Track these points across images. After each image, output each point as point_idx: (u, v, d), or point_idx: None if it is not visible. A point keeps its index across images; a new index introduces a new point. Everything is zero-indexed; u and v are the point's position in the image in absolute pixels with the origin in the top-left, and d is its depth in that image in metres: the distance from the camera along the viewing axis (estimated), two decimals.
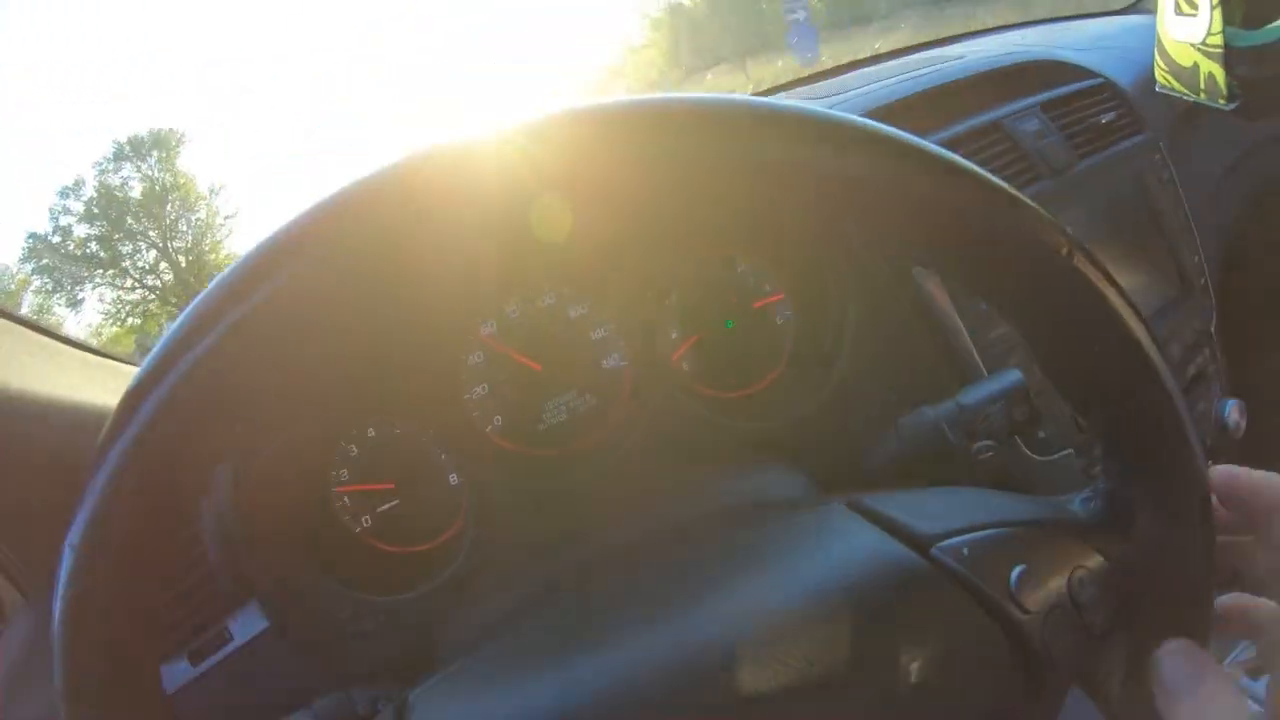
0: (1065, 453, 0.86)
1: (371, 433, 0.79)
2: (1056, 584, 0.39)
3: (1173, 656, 0.38)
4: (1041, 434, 0.84)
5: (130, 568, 0.33)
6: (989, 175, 0.35)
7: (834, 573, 0.39)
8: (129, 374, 0.86)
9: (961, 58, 1.12)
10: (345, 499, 0.79)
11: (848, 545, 0.42)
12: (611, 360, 0.81)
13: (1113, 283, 0.36)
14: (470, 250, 0.33)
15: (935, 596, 0.38)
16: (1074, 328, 0.37)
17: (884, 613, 0.37)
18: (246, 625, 0.78)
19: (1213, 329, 1.14)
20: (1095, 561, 0.40)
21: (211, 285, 0.32)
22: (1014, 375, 0.64)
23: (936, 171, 0.34)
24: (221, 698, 0.77)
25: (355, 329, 0.33)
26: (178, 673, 0.78)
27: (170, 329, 0.32)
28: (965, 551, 0.39)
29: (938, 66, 1.07)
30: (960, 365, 0.80)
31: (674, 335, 0.82)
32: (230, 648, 0.77)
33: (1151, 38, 1.09)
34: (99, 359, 0.90)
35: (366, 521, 0.80)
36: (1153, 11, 1.31)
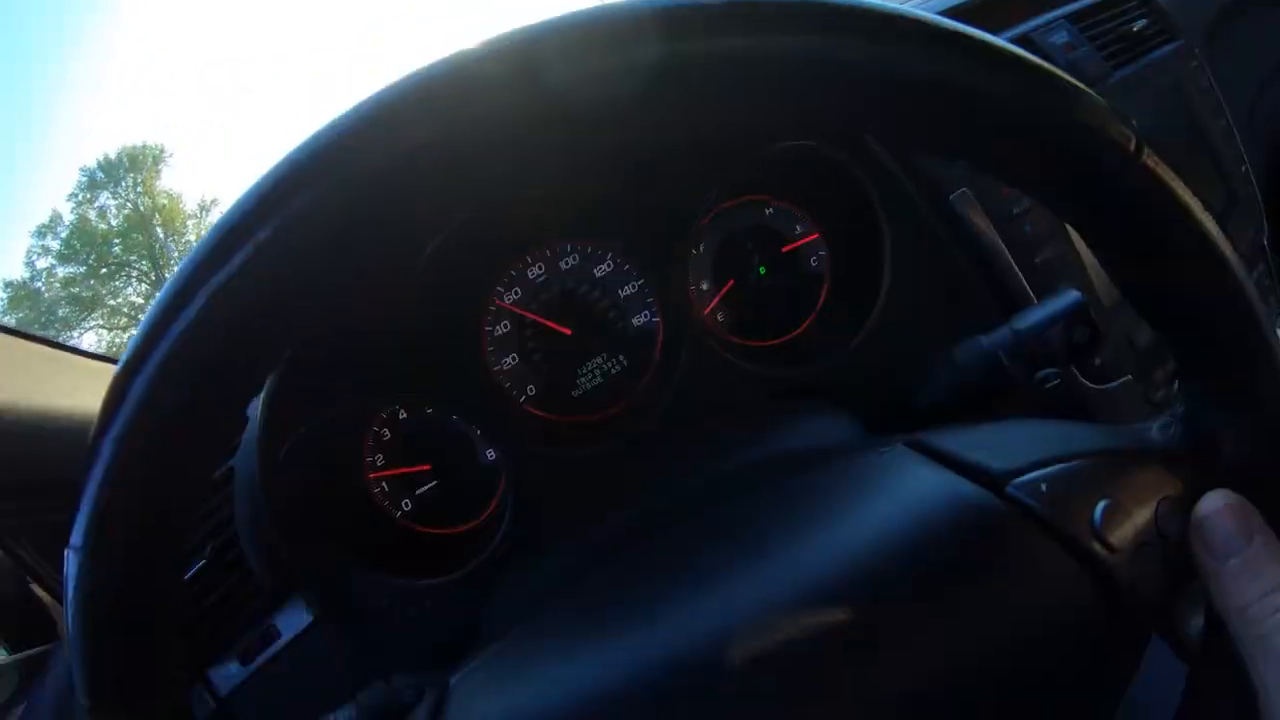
0: (1124, 380, 0.82)
1: (402, 415, 0.77)
2: (1143, 518, 0.35)
3: (1216, 515, 0.34)
4: (1097, 361, 0.79)
5: (138, 564, 0.31)
6: (1050, 66, 0.31)
7: (901, 519, 0.35)
8: None
9: None
10: (383, 484, 0.77)
11: (914, 488, 0.38)
12: (642, 317, 0.78)
13: (1183, 182, 0.33)
14: (486, 183, 0.30)
15: (1013, 538, 0.34)
16: (1147, 233, 0.33)
17: (959, 559, 0.33)
18: (293, 620, 0.76)
19: (1265, 242, 1.08)
20: (1181, 492, 0.36)
21: (190, 253, 0.29)
22: (1072, 295, 0.59)
23: (990, 62, 0.30)
24: (275, 695, 0.75)
25: (365, 287, 0.30)
26: (230, 674, 0.76)
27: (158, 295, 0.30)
28: (1043, 488, 0.35)
29: None
30: (1007, 293, 0.75)
31: (705, 286, 0.79)
32: (279, 644, 0.76)
33: None
34: None
35: (406, 505, 0.78)
36: None
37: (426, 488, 0.78)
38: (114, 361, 0.87)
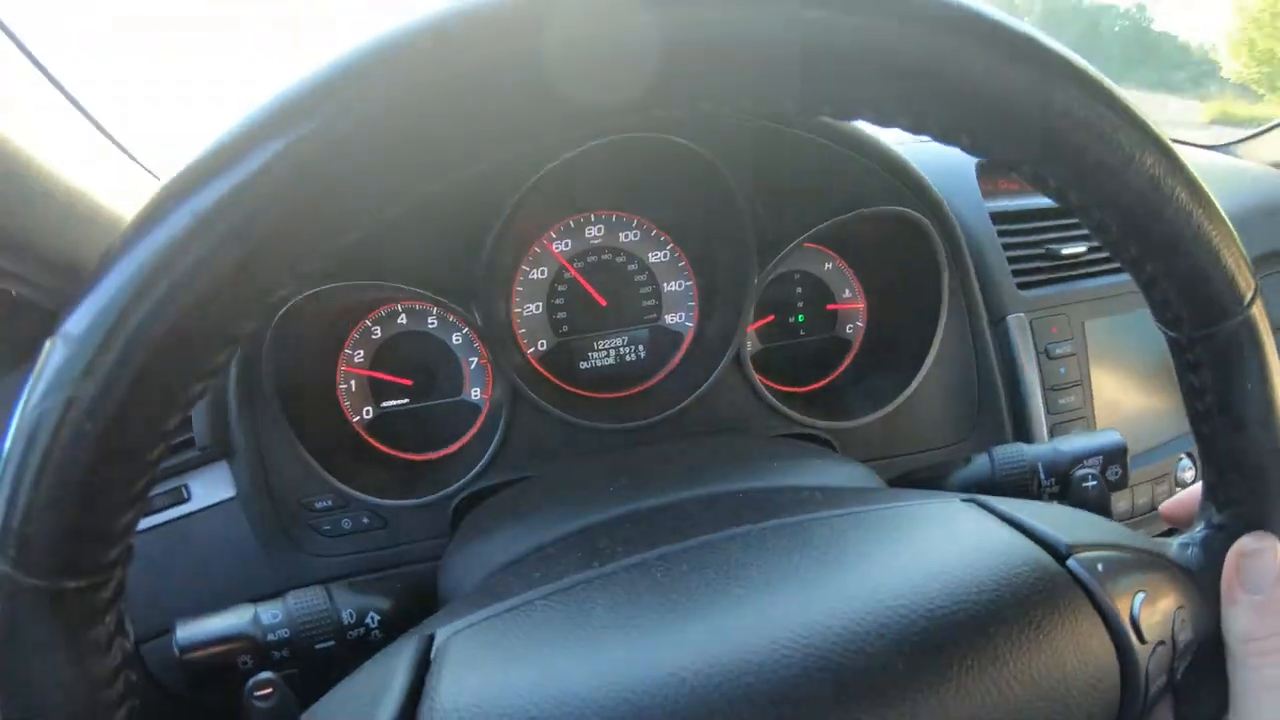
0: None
1: (402, 319, 0.72)
2: (1165, 620, 0.36)
3: (1260, 553, 0.37)
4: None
5: (144, 394, 0.25)
6: (1217, 204, 0.33)
7: (969, 565, 0.35)
8: None
9: None
10: (352, 383, 0.72)
11: (981, 539, 0.37)
12: (677, 317, 0.76)
13: (1274, 343, 0.35)
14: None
15: (1068, 606, 0.34)
16: (1230, 379, 0.35)
17: (1018, 614, 0.33)
18: (210, 489, 0.69)
19: None
20: (1196, 606, 0.38)
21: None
22: (1115, 436, 0.61)
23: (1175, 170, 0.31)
24: (166, 562, 0.68)
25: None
26: None
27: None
28: (1100, 567, 0.36)
29: None
30: (1024, 419, 0.77)
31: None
32: (184, 509, 0.69)
33: (1241, 183, 1.09)
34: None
35: (366, 413, 0.73)
36: (1241, 156, 1.31)
37: (395, 403, 0.73)
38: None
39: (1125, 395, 0.83)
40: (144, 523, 0.69)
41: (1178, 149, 0.31)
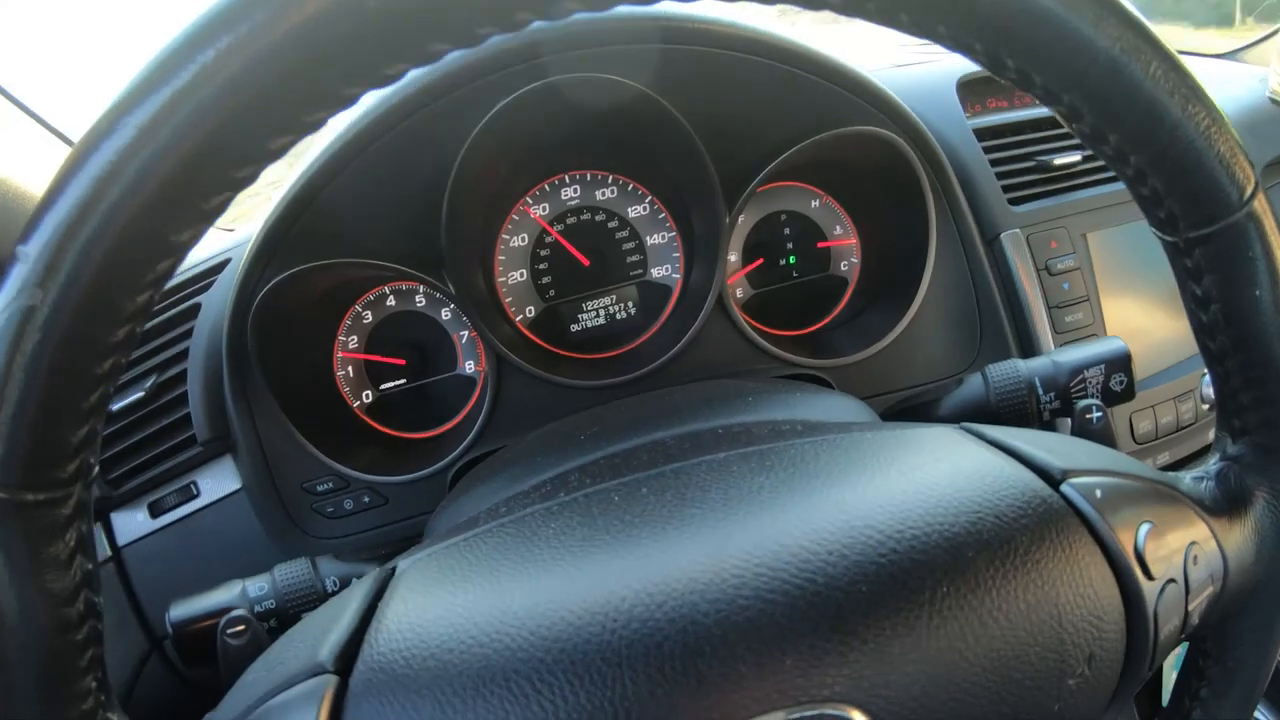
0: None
1: (391, 301, 0.72)
2: (1177, 556, 0.33)
3: None
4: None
5: (93, 298, 0.26)
6: (1209, 96, 0.30)
7: (959, 489, 0.33)
8: None
9: None
10: (349, 369, 0.73)
11: (973, 463, 0.35)
12: (663, 270, 0.75)
13: None
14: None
15: (1062, 534, 0.32)
16: (1235, 271, 0.32)
17: (1001, 538, 0.31)
18: (216, 483, 0.70)
19: None
20: (1210, 544, 0.35)
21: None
22: (1118, 343, 0.58)
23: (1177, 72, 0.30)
24: (179, 557, 0.70)
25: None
26: (134, 524, 0.71)
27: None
28: (1098, 493, 0.33)
29: None
30: (1029, 339, 0.74)
31: (733, 258, 0.76)
32: (194, 504, 0.70)
33: (1248, 84, 1.04)
34: None
35: (366, 397, 0.73)
36: (1248, 62, 1.27)
37: (393, 384, 0.73)
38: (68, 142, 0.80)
39: (1140, 308, 0.80)
40: (157, 521, 0.71)
41: (1148, 25, 0.29)
